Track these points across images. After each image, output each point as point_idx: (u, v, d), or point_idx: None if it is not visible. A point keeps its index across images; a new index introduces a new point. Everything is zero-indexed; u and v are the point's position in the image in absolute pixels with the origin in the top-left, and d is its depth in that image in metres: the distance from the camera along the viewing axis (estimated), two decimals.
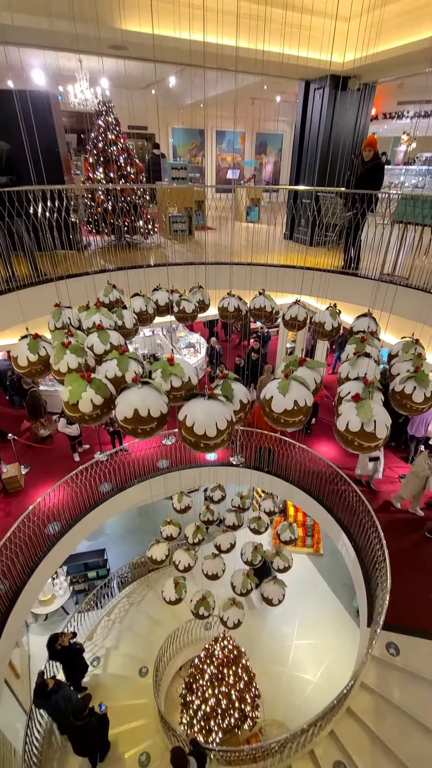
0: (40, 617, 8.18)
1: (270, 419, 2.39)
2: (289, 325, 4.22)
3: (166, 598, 5.10)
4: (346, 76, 7.78)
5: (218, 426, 2.00)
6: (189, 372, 2.41)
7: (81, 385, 2.23)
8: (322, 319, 3.81)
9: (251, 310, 4.28)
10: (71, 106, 10.51)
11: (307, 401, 2.29)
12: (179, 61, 7.02)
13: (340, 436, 2.32)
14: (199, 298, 4.58)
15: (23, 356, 2.77)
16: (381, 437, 2.20)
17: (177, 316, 4.28)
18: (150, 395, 2.13)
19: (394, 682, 4.91)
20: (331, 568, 9.16)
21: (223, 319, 4.42)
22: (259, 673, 7.00)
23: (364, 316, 3.74)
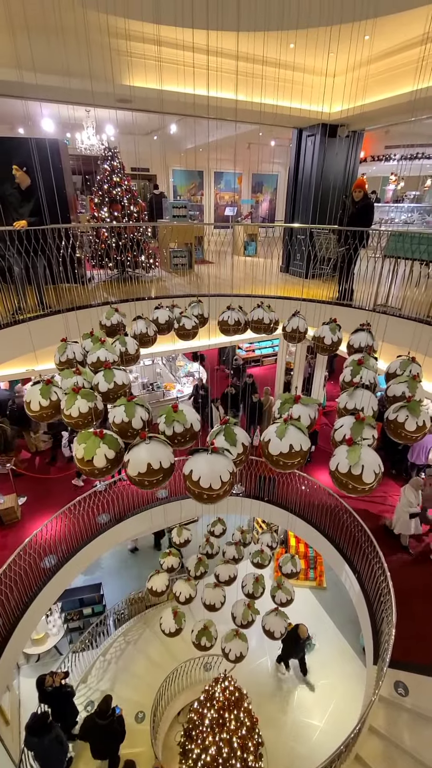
0: (32, 658, 7.81)
1: (269, 461, 2.49)
2: (290, 337, 4.26)
3: (164, 629, 4.90)
4: (336, 125, 8.36)
5: (222, 479, 2.15)
6: (191, 419, 2.53)
7: (95, 442, 2.36)
8: (321, 334, 3.88)
9: (250, 322, 4.36)
10: (78, 151, 11.18)
11: (302, 446, 2.38)
12: (182, 112, 7.57)
13: (333, 476, 2.39)
14: (198, 312, 4.64)
15: (36, 401, 2.88)
16: (368, 482, 2.25)
17: (178, 333, 4.36)
18: (158, 449, 2.27)
19: (403, 724, 4.67)
20: (335, 602, 8.87)
21: (224, 333, 4.45)
22: (261, 717, 6.63)
23: (360, 330, 3.73)
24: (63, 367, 3.49)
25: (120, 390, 3.00)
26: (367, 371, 3.07)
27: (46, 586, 5.98)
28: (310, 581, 9.38)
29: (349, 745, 4.46)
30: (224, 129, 11.17)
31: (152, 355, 8.73)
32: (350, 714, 5.77)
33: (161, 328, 4.32)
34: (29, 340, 5.16)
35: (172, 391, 11.02)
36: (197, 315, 4.65)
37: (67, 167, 7.95)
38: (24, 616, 5.59)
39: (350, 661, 7.77)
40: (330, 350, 3.90)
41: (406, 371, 3.12)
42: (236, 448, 2.41)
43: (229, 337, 8.57)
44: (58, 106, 8.87)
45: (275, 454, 2.40)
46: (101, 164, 8.19)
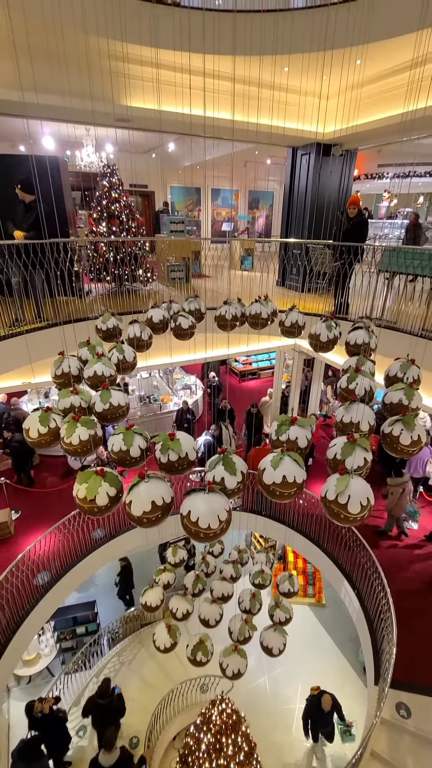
0: (23, 680, 7.55)
1: (264, 490, 2.49)
2: (289, 332, 4.21)
3: (159, 645, 4.75)
4: (330, 144, 8.58)
5: (219, 518, 2.19)
6: (187, 448, 2.55)
7: (96, 480, 2.42)
8: (317, 331, 3.84)
9: (248, 317, 4.32)
10: (77, 167, 11.38)
11: (296, 478, 2.38)
12: (180, 131, 7.75)
13: (323, 502, 2.40)
14: (195, 306, 4.57)
15: (34, 429, 2.89)
16: (353, 512, 2.24)
17: (174, 333, 4.30)
18: (158, 486, 2.33)
19: (406, 748, 4.53)
20: (335, 620, 8.69)
21: (221, 328, 4.39)
22: (260, 742, 6.41)
23: (359, 328, 3.69)
24: (60, 381, 3.47)
25: (117, 411, 3.01)
26: (364, 378, 3.04)
27: (38, 604, 5.84)
28: (309, 598, 9.21)
29: None
30: (221, 147, 11.43)
31: (149, 368, 8.72)
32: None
33: (156, 327, 4.22)
34: (26, 352, 5.16)
35: (169, 404, 10.99)
36: (195, 310, 4.55)
37: (66, 183, 8.08)
38: (15, 636, 5.44)
39: (351, 680, 7.57)
40: (326, 348, 3.83)
41: (406, 374, 3.08)
42: (236, 477, 2.43)
43: (226, 351, 8.63)
44: (59, 125, 9.10)
45: (269, 484, 2.42)
46: (100, 181, 8.33)
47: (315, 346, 3.88)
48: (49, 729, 5.77)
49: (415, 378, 3.10)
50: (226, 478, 2.39)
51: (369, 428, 2.81)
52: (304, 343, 8.48)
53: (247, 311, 4.38)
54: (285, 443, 2.64)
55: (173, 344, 5.33)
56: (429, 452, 7.77)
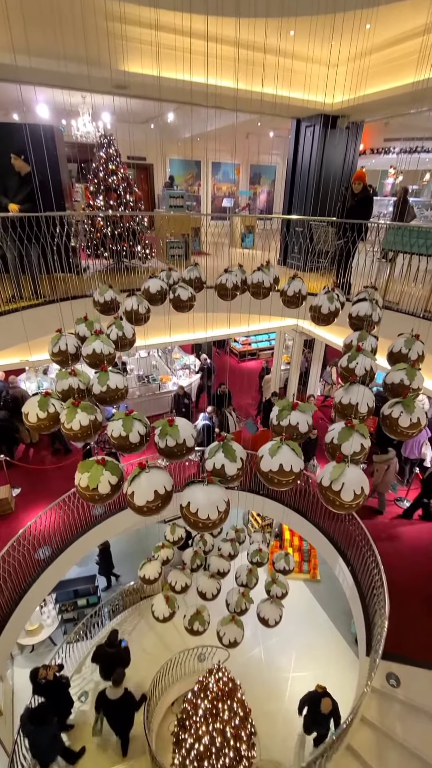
0: (26, 648, 7.82)
1: (261, 476, 2.52)
2: (290, 302, 4.08)
3: (157, 615, 4.88)
4: (335, 116, 8.24)
5: (218, 509, 2.26)
6: (185, 434, 2.56)
7: (98, 470, 2.46)
8: (318, 302, 3.74)
9: (250, 285, 4.19)
10: (73, 138, 10.97)
11: (293, 467, 2.40)
12: (180, 99, 7.42)
13: (318, 488, 2.43)
14: (196, 275, 4.42)
15: (33, 413, 2.89)
16: (346, 500, 2.28)
17: (174, 305, 4.16)
18: (159, 476, 2.37)
19: (395, 716, 4.74)
20: (329, 594, 8.96)
21: (222, 298, 4.24)
22: (255, 708, 6.70)
23: (363, 300, 3.58)
24: (57, 358, 3.43)
25: (115, 393, 3.00)
26: (365, 358, 2.99)
27: (40, 577, 5.97)
28: (304, 574, 9.46)
29: (341, 735, 4.52)
30: (222, 118, 10.98)
31: (148, 347, 8.66)
32: (342, 704, 5.84)
33: (154, 299, 4.08)
34: (23, 329, 5.09)
35: (168, 384, 10.98)
36: (195, 279, 4.39)
37: (62, 154, 7.79)
38: (18, 608, 5.59)
39: (343, 652, 7.86)
40: (327, 320, 3.72)
41: (411, 350, 3.01)
42: (236, 464, 2.46)
43: (226, 330, 8.54)
44: (53, 92, 8.66)
45: (266, 471, 2.45)
46: (97, 152, 8.04)
47: (316, 319, 3.76)
48: (53, 694, 6.01)
49: (420, 353, 3.02)
50: (226, 465, 2.42)
51: (368, 410, 2.79)
52: (305, 323, 8.40)
53: (249, 280, 4.21)
54: (286, 429, 2.64)
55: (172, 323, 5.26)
56: (425, 434, 7.83)
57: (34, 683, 5.88)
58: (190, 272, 4.43)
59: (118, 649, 6.63)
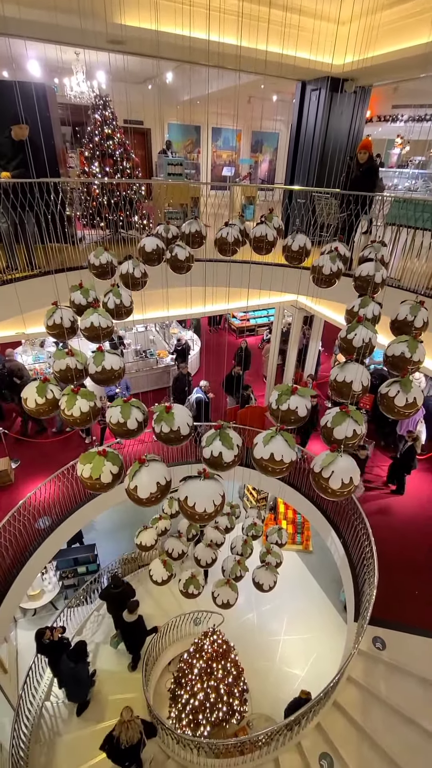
0: (28, 612, 8.14)
1: (255, 463, 2.57)
2: (294, 258, 3.92)
3: (156, 579, 5.05)
4: (343, 79, 7.84)
5: (214, 502, 2.36)
6: (180, 422, 2.59)
7: (99, 461, 2.56)
8: (320, 263, 3.60)
9: (253, 240, 4.01)
10: (67, 98, 10.41)
11: (284, 457, 2.45)
12: (179, 57, 7.01)
13: (311, 474, 2.50)
14: (196, 228, 4.19)
15: (32, 399, 2.92)
16: (334, 487, 2.36)
17: (171, 265, 4.02)
18: (158, 469, 2.49)
19: (380, 675, 5.02)
20: (320, 564, 9.28)
21: (222, 253, 4.06)
22: (247, 668, 7.08)
23: (369, 260, 3.47)
24: (53, 331, 3.38)
25: (110, 374, 3.01)
26: (364, 329, 2.93)
27: (40, 546, 6.14)
28: (297, 545, 9.76)
29: (329, 692, 4.79)
30: (224, 79, 10.40)
31: (145, 321, 8.56)
32: (330, 665, 6.17)
33: (150, 258, 3.93)
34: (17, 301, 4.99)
35: (166, 359, 10.94)
36: (195, 232, 4.16)
37: (55, 116, 7.43)
38: (20, 574, 5.77)
39: (332, 618, 8.23)
40: (329, 282, 3.61)
41: (416, 317, 2.95)
42: (233, 451, 2.51)
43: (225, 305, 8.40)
44: (45, 47, 8.16)
45: (258, 458, 2.51)
46: (92, 114, 7.65)
47: (317, 281, 3.65)
48: (56, 654, 6.32)
49: (425, 321, 2.95)
50: (224, 452, 2.47)
51: (362, 389, 2.78)
52: (304, 299, 8.30)
53: (252, 233, 4.01)
54: (284, 413, 2.64)
55: (170, 297, 5.17)
56: (421, 413, 7.91)
57: (39, 643, 6.16)
58: (190, 226, 4.17)
59: (123, 588, 7.21)
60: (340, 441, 2.52)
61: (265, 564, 5.00)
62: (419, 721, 4.54)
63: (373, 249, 3.49)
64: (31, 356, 10.22)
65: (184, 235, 4.18)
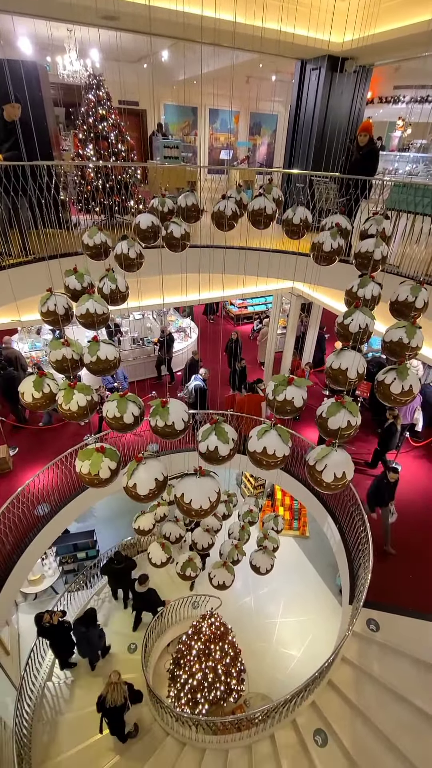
0: (29, 596, 8.28)
1: (249, 455, 2.64)
2: (294, 233, 3.77)
3: (155, 561, 5.11)
4: (343, 58, 7.63)
5: (210, 499, 2.44)
6: (175, 417, 2.60)
7: (98, 457, 2.60)
8: (320, 239, 3.49)
9: (251, 212, 3.82)
10: (60, 78, 10.10)
11: (276, 451, 2.52)
12: (174, 34, 6.78)
13: (306, 466, 2.56)
14: (192, 201, 4.03)
15: (29, 393, 2.94)
16: (326, 480, 2.43)
17: (166, 243, 3.90)
18: (155, 466, 2.57)
19: (373, 656, 5.14)
20: (317, 549, 9.43)
21: (219, 227, 3.92)
22: (244, 649, 7.25)
23: (371, 236, 3.38)
24: (48, 319, 3.35)
25: (106, 365, 3.01)
26: (361, 315, 2.89)
27: (40, 532, 6.20)
28: (294, 531, 9.90)
29: (324, 672, 4.92)
30: (221, 58, 10.10)
31: (141, 309, 8.49)
32: (325, 646, 6.32)
33: (146, 236, 3.81)
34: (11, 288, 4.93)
35: None
36: (191, 205, 4.00)
37: (47, 96, 7.21)
38: (19, 560, 5.83)
39: (328, 601, 8.40)
40: (329, 259, 3.51)
41: (417, 298, 2.89)
42: (228, 445, 2.56)
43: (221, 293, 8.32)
44: (35, 24, 7.85)
45: (251, 451, 2.58)
46: (85, 94, 7.44)
47: (317, 258, 3.56)
48: (57, 637, 6.49)
49: (425, 301, 2.90)
50: (219, 446, 2.52)
51: (358, 376, 2.77)
52: (301, 285, 8.22)
53: (250, 206, 3.82)
54: (281, 404, 2.68)
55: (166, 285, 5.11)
56: (418, 400, 7.93)
57: (39, 626, 6.27)
58: (186, 198, 4.01)
59: (125, 563, 7.50)
60: (335, 432, 2.54)
61: (263, 548, 5.06)
62: (411, 699, 4.67)
63: (374, 222, 3.39)
64: (27, 344, 10.16)
65: (180, 209, 4.02)
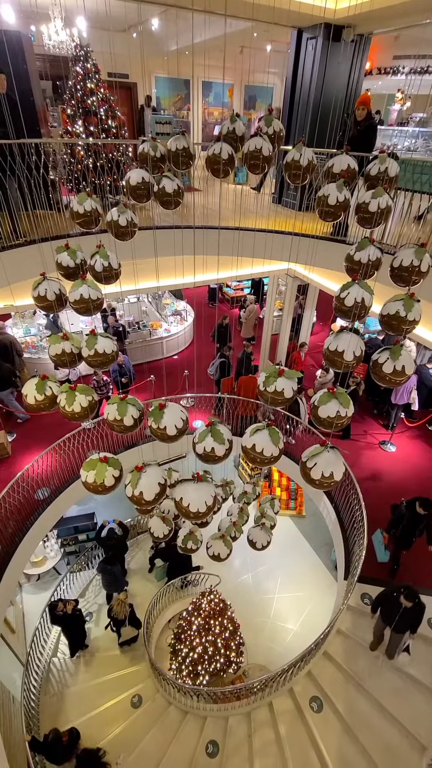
0: (32, 578, 8.46)
1: (243, 450, 2.72)
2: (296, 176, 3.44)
3: (157, 535, 5.19)
4: (341, 26, 7.34)
5: (207, 503, 2.60)
6: (167, 422, 2.63)
7: (102, 467, 2.74)
8: (325, 192, 3.22)
9: (246, 154, 3.44)
10: (45, 49, 9.67)
11: (264, 450, 2.62)
12: (163, 2, 6.49)
13: (300, 462, 2.66)
14: (183, 144, 3.66)
15: (31, 396, 3.00)
16: (314, 477, 2.54)
17: (158, 199, 3.66)
18: (156, 472, 2.74)
19: (367, 627, 5.33)
20: (313, 528, 9.64)
21: (214, 174, 3.57)
22: (243, 623, 7.49)
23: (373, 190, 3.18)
24: (42, 304, 3.30)
25: (104, 358, 3.00)
26: (359, 289, 2.78)
27: (40, 516, 6.30)
28: (291, 510, 10.09)
29: (320, 643, 5.11)
30: (214, 27, 9.68)
31: (136, 292, 8.39)
32: (321, 620, 6.54)
33: (137, 194, 3.57)
34: (4, 272, 4.85)
35: (159, 330, 10.82)
36: (182, 149, 3.64)
37: (33, 69, 6.91)
38: (21, 543, 5.94)
39: (323, 577, 8.64)
40: (334, 215, 3.27)
41: (423, 261, 2.72)
42: (224, 445, 2.62)
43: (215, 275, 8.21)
44: None
45: (243, 445, 2.69)
46: (72, 67, 7.14)
47: (323, 214, 3.30)
48: (70, 625, 6.78)
49: (430, 265, 2.76)
50: (216, 447, 2.57)
51: (354, 358, 2.77)
52: (299, 267, 8.14)
53: (245, 148, 3.45)
54: (272, 395, 2.69)
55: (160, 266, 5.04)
56: (414, 380, 7.98)
57: (52, 614, 6.50)
58: (176, 141, 3.63)
59: (117, 538, 7.60)
60: (330, 422, 2.61)
61: (261, 524, 5.16)
62: (403, 667, 4.88)
63: (378, 160, 3.15)
64: (21, 329, 10.06)
65: (170, 154, 3.67)
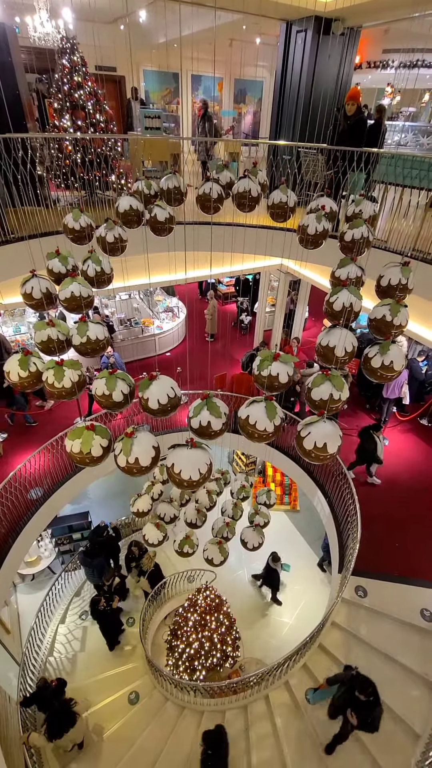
0: (27, 577, 8.41)
1: (239, 424, 2.66)
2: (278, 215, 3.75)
3: (152, 542, 5.21)
4: (330, 19, 7.30)
5: (200, 471, 2.42)
6: (158, 394, 2.54)
7: (89, 435, 2.56)
8: (305, 222, 3.43)
9: (236, 195, 3.78)
10: (30, 41, 9.46)
11: (257, 423, 2.53)
12: None
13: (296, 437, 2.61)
14: (174, 184, 3.92)
15: (15, 372, 2.90)
16: (306, 447, 2.49)
17: (151, 227, 3.82)
18: (147, 436, 2.57)
19: (361, 620, 5.40)
20: (307, 523, 9.71)
21: (204, 211, 3.83)
22: (239, 618, 7.54)
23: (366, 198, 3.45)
24: (31, 302, 3.26)
25: (95, 345, 2.97)
26: (346, 293, 2.89)
27: (34, 515, 6.25)
28: (285, 505, 10.15)
29: (315, 636, 5.16)
30: (202, 19, 9.56)
31: (128, 289, 8.32)
32: (316, 613, 6.60)
33: (129, 220, 3.74)
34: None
35: (151, 327, 10.76)
36: (174, 188, 3.90)
37: (18, 62, 6.76)
38: (15, 543, 5.90)
39: (317, 570, 8.72)
40: (315, 242, 3.47)
41: (407, 278, 2.94)
42: (221, 419, 2.54)
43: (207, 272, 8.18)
44: None
45: (239, 415, 2.63)
46: (59, 60, 7.01)
47: (303, 241, 3.51)
48: (108, 620, 7.03)
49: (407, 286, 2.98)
50: (212, 421, 2.50)
51: (346, 354, 2.79)
52: (290, 263, 8.13)
53: (234, 189, 3.75)
54: (267, 379, 2.69)
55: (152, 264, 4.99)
56: (405, 375, 8.04)
57: (93, 608, 6.81)
58: (168, 181, 3.88)
59: (107, 536, 7.72)
60: (324, 404, 2.58)
61: (253, 525, 5.19)
62: (396, 657, 4.95)
63: (355, 205, 3.35)
64: (11, 327, 9.93)
65: (163, 192, 3.92)
